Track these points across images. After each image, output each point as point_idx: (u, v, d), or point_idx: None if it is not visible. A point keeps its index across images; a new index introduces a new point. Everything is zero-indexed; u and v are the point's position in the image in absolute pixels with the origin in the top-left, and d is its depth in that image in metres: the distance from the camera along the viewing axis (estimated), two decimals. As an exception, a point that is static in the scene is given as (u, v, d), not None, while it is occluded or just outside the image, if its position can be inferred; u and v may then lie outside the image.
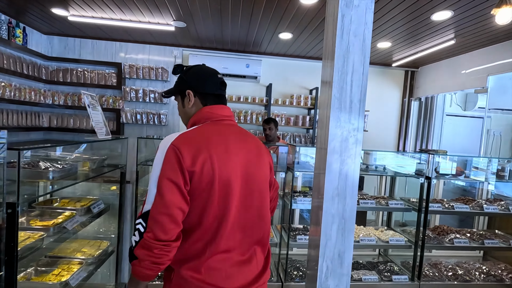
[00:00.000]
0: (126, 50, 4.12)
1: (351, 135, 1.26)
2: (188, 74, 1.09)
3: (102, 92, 4.11)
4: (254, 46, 4.02)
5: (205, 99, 1.08)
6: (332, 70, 1.25)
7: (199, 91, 1.07)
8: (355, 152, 1.27)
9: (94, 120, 1.76)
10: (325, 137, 1.30)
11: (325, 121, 1.31)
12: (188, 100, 1.07)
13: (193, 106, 1.08)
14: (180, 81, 1.11)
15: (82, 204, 1.99)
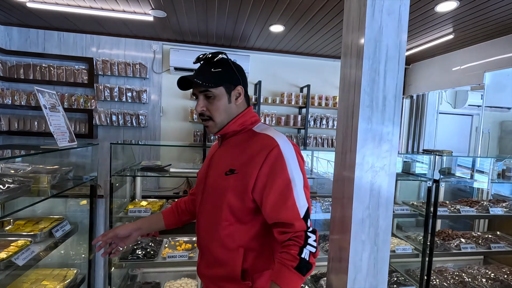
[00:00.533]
0: (99, 43, 3.69)
1: (384, 140, 1.00)
2: (237, 68, 0.99)
3: (72, 90, 3.66)
4: (242, 40, 3.72)
5: (247, 98, 1.04)
6: (361, 59, 0.98)
7: (246, 90, 1.02)
8: (389, 162, 1.01)
9: (53, 124, 1.40)
10: (350, 144, 1.03)
11: (348, 123, 1.04)
12: (237, 97, 0.98)
13: (240, 105, 0.99)
14: (231, 74, 0.96)
15: (41, 226, 1.62)
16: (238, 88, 0.97)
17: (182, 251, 2.15)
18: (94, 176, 1.82)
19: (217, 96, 0.94)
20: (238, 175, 0.90)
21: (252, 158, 0.89)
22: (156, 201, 2.32)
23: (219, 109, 0.95)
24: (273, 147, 0.88)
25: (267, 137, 0.92)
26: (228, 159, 0.95)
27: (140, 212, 2.04)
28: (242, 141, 0.96)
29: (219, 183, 0.94)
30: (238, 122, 0.97)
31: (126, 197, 2.37)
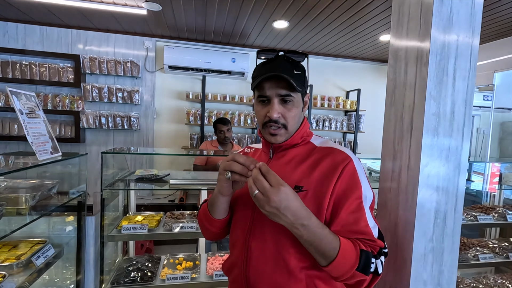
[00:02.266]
0: (86, 39, 3.40)
1: (452, 155, 0.81)
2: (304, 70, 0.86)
3: (56, 90, 3.36)
4: (241, 38, 3.50)
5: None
6: (425, 55, 0.79)
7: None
8: (457, 183, 0.82)
9: (32, 133, 1.15)
10: (408, 160, 0.83)
11: (404, 134, 0.84)
12: (304, 106, 0.88)
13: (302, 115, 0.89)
14: (306, 80, 0.86)
15: (19, 253, 1.37)
16: (307, 95, 0.88)
17: (183, 271, 1.92)
18: (83, 191, 1.58)
19: (296, 102, 0.82)
20: (308, 193, 0.76)
21: (325, 174, 0.77)
22: (152, 214, 2.08)
23: (296, 117, 0.83)
24: (348, 162, 0.78)
25: (337, 151, 0.81)
26: (289, 173, 0.81)
27: (135, 229, 1.79)
28: (303, 154, 0.85)
29: None
30: (300, 134, 0.86)
31: (118, 211, 2.12)
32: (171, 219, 2.02)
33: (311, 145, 0.86)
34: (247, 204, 0.83)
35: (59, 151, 1.35)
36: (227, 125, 2.81)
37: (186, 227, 1.86)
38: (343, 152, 0.80)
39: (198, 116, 3.57)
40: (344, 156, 0.79)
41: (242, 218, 0.85)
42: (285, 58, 0.81)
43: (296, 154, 0.85)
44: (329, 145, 0.85)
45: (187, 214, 2.15)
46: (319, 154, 0.82)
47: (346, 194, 0.75)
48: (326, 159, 0.79)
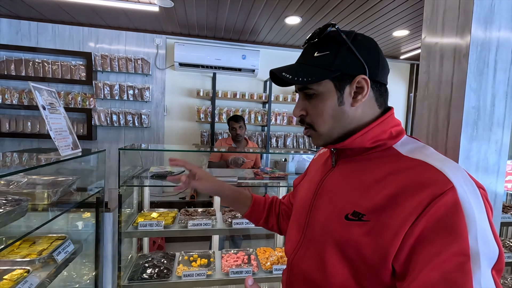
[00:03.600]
0: (97, 37, 3.41)
1: (492, 151, 0.78)
2: (360, 45, 0.60)
3: (68, 88, 3.38)
4: (252, 34, 3.48)
5: (381, 95, 0.64)
6: (466, 46, 0.76)
7: (377, 80, 0.62)
8: (496, 180, 0.79)
9: (54, 129, 1.15)
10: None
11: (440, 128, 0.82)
12: (357, 95, 0.61)
13: (364, 107, 0.62)
14: (346, 58, 0.59)
15: (40, 248, 1.37)
16: (359, 79, 0.59)
17: (199, 268, 1.92)
18: (101, 188, 1.58)
19: (320, 94, 0.61)
20: (368, 224, 0.54)
21: (396, 201, 0.52)
22: (167, 212, 2.08)
23: (323, 114, 0.61)
24: (444, 191, 0.48)
25: (427, 167, 0.52)
26: (350, 191, 0.60)
27: (152, 226, 1.80)
28: (375, 165, 0.59)
29: (333, 229, 0.59)
30: (369, 136, 0.60)
31: (133, 208, 2.12)
32: (186, 216, 2.02)
33: (393, 152, 0.59)
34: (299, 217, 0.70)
35: (79, 147, 1.35)
36: (239, 122, 2.80)
37: (202, 224, 1.86)
38: (440, 172, 0.50)
39: (209, 114, 3.57)
40: (440, 179, 0.49)
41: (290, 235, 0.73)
42: (309, 43, 0.64)
43: (366, 165, 0.61)
44: (421, 156, 0.55)
45: (201, 211, 2.14)
46: (401, 168, 0.55)
47: (434, 243, 0.47)
48: (406, 177, 0.53)
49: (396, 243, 0.50)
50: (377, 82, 0.62)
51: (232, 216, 2.00)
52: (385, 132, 0.60)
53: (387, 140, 0.60)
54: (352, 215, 0.56)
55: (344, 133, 0.62)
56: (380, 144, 0.60)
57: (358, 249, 0.54)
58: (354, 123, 0.62)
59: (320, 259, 0.60)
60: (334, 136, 0.63)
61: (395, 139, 0.61)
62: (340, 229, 0.57)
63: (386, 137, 0.60)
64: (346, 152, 0.65)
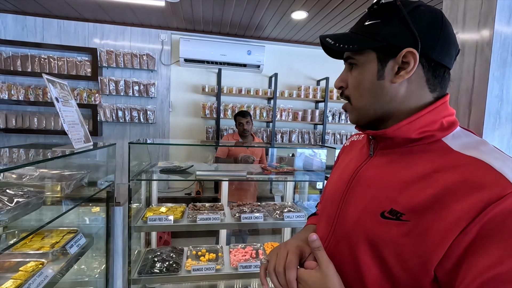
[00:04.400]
0: (102, 33, 3.40)
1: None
2: (417, 16, 0.52)
3: (74, 84, 3.38)
4: (258, 30, 3.46)
5: (436, 77, 0.54)
6: (490, 34, 0.75)
7: (432, 58, 0.52)
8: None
9: (67, 121, 1.15)
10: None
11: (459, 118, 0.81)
12: (400, 70, 0.53)
13: (404, 85, 0.54)
14: (396, 27, 0.52)
15: (53, 241, 1.38)
16: (405, 53, 0.51)
17: (207, 262, 1.93)
18: (111, 181, 1.58)
19: (361, 65, 0.56)
20: (407, 225, 0.48)
21: (442, 202, 0.46)
22: (176, 206, 2.08)
23: (360, 87, 0.56)
24: (503, 195, 0.42)
25: (482, 165, 0.46)
26: (388, 186, 0.53)
27: (161, 220, 1.80)
28: (419, 160, 0.52)
29: (368, 226, 0.54)
30: (418, 125, 0.52)
31: (141, 202, 2.13)
32: (194, 211, 2.02)
33: (442, 146, 0.52)
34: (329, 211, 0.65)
35: (90, 140, 1.35)
36: (246, 117, 2.80)
37: (211, 218, 1.86)
38: (497, 172, 0.44)
39: (214, 110, 3.56)
40: (496, 179, 0.43)
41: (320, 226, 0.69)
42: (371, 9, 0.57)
43: (411, 157, 0.53)
44: (476, 153, 0.48)
45: (208, 206, 2.14)
46: (447, 163, 0.49)
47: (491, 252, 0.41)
48: (456, 175, 0.46)
49: (441, 249, 0.44)
50: (432, 61, 0.52)
51: (240, 210, 2.00)
52: (435, 122, 0.52)
53: (436, 132, 0.52)
54: (389, 213, 0.50)
55: (382, 112, 0.56)
56: (427, 136, 0.52)
57: (396, 250, 0.49)
58: (394, 102, 0.54)
59: (352, 256, 0.55)
60: (370, 114, 0.57)
61: (446, 131, 0.53)
62: (375, 227, 0.52)
63: (436, 128, 0.52)
64: (387, 142, 0.57)
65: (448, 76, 0.55)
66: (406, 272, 0.48)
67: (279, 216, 1.95)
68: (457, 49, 0.56)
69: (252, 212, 1.98)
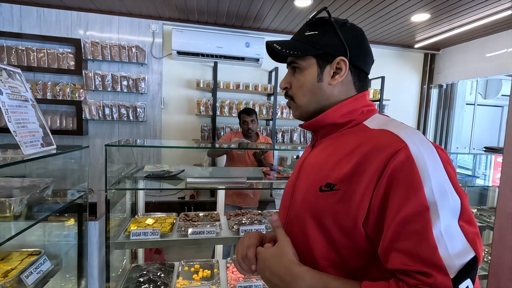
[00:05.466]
0: (87, 22, 3.11)
1: None
2: (346, 31, 0.66)
3: (56, 78, 3.09)
4: (256, 20, 3.19)
5: (360, 80, 0.69)
6: None
7: (357, 65, 0.67)
8: None
9: (15, 119, 0.88)
10: None
11: None
12: (335, 74, 0.66)
13: (341, 86, 0.67)
14: (331, 39, 0.65)
15: (8, 268, 1.12)
16: (339, 61, 0.65)
17: (201, 282, 1.68)
18: (83, 191, 1.31)
19: (303, 69, 0.68)
20: (339, 193, 0.57)
21: (361, 168, 0.55)
22: (164, 217, 1.82)
23: (303, 88, 0.68)
24: (397, 150, 0.52)
25: (385, 133, 0.57)
26: (323, 166, 0.63)
27: (146, 234, 1.54)
28: (346, 140, 0.63)
29: (310, 202, 0.63)
30: (341, 112, 0.66)
31: (125, 212, 1.86)
32: (186, 222, 1.76)
33: (362, 127, 0.63)
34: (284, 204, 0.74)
35: (52, 144, 1.08)
36: (251, 115, 2.56)
37: (205, 232, 1.60)
38: (394, 134, 0.55)
39: (210, 107, 3.29)
40: (394, 140, 0.54)
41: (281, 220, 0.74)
42: (308, 22, 0.68)
43: (338, 141, 0.64)
44: (385, 126, 0.59)
45: (202, 216, 1.89)
46: (363, 138, 0.59)
47: (394, 200, 0.51)
48: (367, 144, 0.57)
49: (363, 206, 0.54)
50: (357, 67, 0.67)
51: (239, 222, 1.75)
52: (356, 110, 0.66)
53: (357, 117, 0.65)
54: (325, 187, 0.59)
55: (320, 108, 0.67)
56: (350, 120, 0.65)
57: (334, 217, 0.57)
58: (330, 100, 0.67)
59: (302, 233, 0.63)
60: (310, 110, 0.68)
61: (365, 116, 0.65)
62: (315, 201, 0.61)
63: (357, 114, 0.65)
64: (323, 131, 0.69)
65: (367, 80, 0.71)
66: (344, 235, 0.57)
67: (283, 228, 1.70)
68: (373, 60, 0.71)
69: (252, 224, 1.73)
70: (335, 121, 0.65)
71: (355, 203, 0.54)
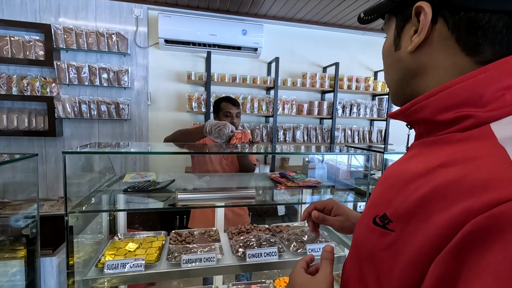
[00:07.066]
0: (58, 5, 2.69)
1: None
2: None
3: (23, 71, 2.67)
4: (254, 6, 2.83)
5: (477, 32, 0.36)
6: None
7: (460, 5, 0.36)
8: None
9: None
10: None
11: None
12: (412, 32, 0.42)
13: (427, 53, 0.41)
14: None
15: None
16: (417, 7, 0.39)
17: (198, 321, 1.32)
18: (32, 219, 0.94)
19: (387, 35, 0.48)
20: (392, 236, 0.36)
21: (427, 208, 0.32)
22: (151, 238, 1.46)
23: (384, 61, 0.49)
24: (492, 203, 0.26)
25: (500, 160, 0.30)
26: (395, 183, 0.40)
27: (124, 266, 1.17)
28: (440, 153, 0.37)
29: (359, 233, 0.44)
30: (437, 102, 0.38)
31: (101, 232, 1.49)
32: (177, 244, 1.41)
33: (484, 134, 0.35)
34: None
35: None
36: (237, 107, 1.91)
37: (202, 259, 1.25)
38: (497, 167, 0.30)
39: (203, 102, 2.92)
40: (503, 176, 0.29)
41: None
42: None
43: (431, 151, 0.39)
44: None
45: (198, 234, 1.53)
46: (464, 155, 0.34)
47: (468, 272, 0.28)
48: (455, 167, 0.33)
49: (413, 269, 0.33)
50: (462, 9, 0.36)
51: (245, 243, 1.40)
52: (480, 97, 0.35)
53: (474, 110, 0.35)
54: (379, 219, 0.39)
55: (411, 91, 0.45)
56: (462, 117, 0.36)
57: (373, 265, 0.40)
58: (421, 78, 0.43)
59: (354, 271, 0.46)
60: (398, 92, 0.48)
61: (501, 109, 0.34)
62: (363, 234, 0.43)
63: (481, 106, 0.35)
64: (419, 129, 0.44)
65: (505, 26, 0.35)
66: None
67: (297, 249, 1.36)
68: None
69: (260, 246, 1.38)
70: (429, 117, 0.40)
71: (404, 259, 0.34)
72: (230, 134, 1.57)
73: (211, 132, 1.58)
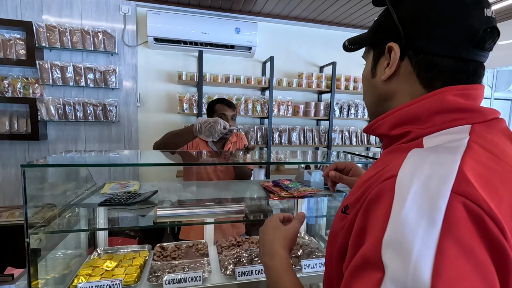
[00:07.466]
0: (41, 3, 2.55)
1: None
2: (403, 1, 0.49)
3: (4, 71, 2.53)
4: (247, 3, 2.71)
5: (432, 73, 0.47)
6: None
7: (422, 48, 0.47)
8: None
9: None
10: None
11: None
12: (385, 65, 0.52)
13: (395, 83, 0.51)
14: (383, 17, 0.52)
15: None
16: (389, 46, 0.49)
17: None
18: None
19: (367, 61, 0.57)
20: (348, 217, 0.47)
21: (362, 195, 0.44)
22: (132, 254, 1.34)
23: (363, 86, 0.59)
24: (386, 178, 0.40)
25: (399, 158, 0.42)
26: (357, 185, 0.51)
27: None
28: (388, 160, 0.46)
29: (335, 222, 0.53)
30: (392, 120, 0.49)
31: (79, 247, 1.37)
32: (161, 261, 1.29)
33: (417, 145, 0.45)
34: None
35: None
36: (233, 109, 1.79)
37: (187, 279, 1.14)
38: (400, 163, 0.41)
39: (194, 103, 2.80)
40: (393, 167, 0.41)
41: None
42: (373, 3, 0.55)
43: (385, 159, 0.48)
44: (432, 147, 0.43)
45: (185, 248, 1.41)
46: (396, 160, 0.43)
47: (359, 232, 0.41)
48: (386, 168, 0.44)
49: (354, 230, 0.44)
50: (421, 51, 0.46)
51: (235, 259, 1.29)
52: (420, 117, 0.46)
53: (418, 128, 0.46)
54: (344, 208, 0.50)
55: (383, 112, 0.53)
56: (406, 132, 0.47)
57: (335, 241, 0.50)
58: (390, 101, 0.52)
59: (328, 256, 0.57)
60: (373, 111, 0.58)
61: (435, 128, 0.45)
62: (335, 222, 0.53)
63: (420, 124, 0.46)
64: (384, 142, 0.55)
65: (456, 66, 0.46)
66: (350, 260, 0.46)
67: (293, 266, 1.25)
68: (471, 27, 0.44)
69: (252, 262, 1.27)
70: (385, 132, 0.51)
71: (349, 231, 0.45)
72: (222, 131, 1.42)
73: (201, 131, 1.44)
